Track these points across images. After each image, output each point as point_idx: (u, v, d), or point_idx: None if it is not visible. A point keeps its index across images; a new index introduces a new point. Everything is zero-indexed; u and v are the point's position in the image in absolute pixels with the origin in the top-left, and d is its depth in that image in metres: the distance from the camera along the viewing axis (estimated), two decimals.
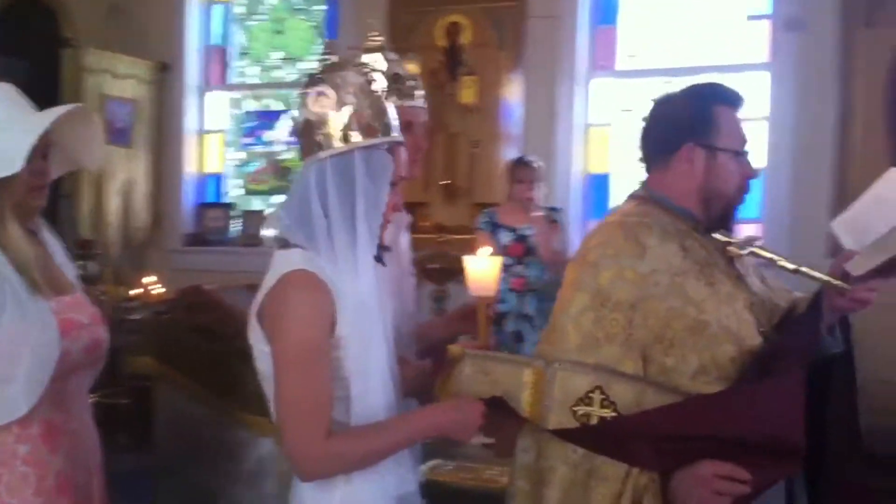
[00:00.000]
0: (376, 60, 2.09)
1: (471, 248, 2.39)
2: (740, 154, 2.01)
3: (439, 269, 5.56)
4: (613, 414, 1.83)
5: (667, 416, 1.83)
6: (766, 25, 5.69)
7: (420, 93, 2.30)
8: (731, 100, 2.03)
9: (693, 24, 5.91)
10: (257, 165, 7.08)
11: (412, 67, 2.33)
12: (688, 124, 1.99)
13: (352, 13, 6.37)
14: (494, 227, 5.01)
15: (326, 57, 1.81)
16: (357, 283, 1.72)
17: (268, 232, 1.84)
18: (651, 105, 2.11)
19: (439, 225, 5.78)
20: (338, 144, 1.74)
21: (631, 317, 1.87)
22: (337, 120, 1.74)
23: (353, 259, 1.72)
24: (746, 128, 2.04)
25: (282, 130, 6.97)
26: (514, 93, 6.06)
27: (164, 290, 5.62)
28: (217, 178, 7.11)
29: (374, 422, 1.75)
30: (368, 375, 1.75)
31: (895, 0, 5.21)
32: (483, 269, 2.11)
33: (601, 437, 1.83)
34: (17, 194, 1.88)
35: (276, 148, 7.01)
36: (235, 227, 6.86)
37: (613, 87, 6.10)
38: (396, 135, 1.80)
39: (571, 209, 5.85)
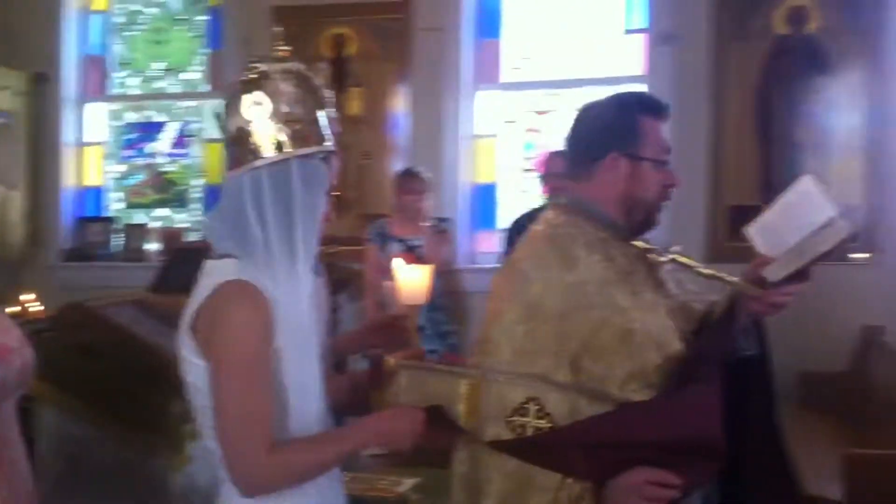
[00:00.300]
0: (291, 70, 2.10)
1: (361, 260, 2.41)
2: (662, 163, 2.05)
3: (330, 281, 5.53)
4: (549, 425, 1.86)
5: (598, 426, 1.87)
6: (642, 39, 5.87)
7: (332, 101, 2.31)
8: (655, 109, 2.07)
9: (574, 37, 6.06)
10: (139, 178, 6.92)
11: (321, 78, 2.34)
12: (613, 134, 2.02)
13: (234, 23, 6.31)
14: (384, 239, 5.03)
15: (254, 65, 1.77)
16: (295, 294, 1.70)
17: (151, 246, 1.81)
18: (576, 114, 2.12)
19: (329, 236, 5.71)
20: (272, 153, 1.71)
21: (561, 327, 1.90)
22: (272, 128, 1.71)
23: (291, 269, 1.70)
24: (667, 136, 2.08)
25: (164, 142, 6.84)
26: (401, 104, 6.10)
27: (42, 307, 5.43)
28: (97, 192, 6.91)
29: (314, 434, 1.73)
30: (305, 387, 1.73)
31: (764, 15, 5.46)
32: (414, 278, 2.12)
33: (535, 449, 1.86)
34: None
35: (158, 160, 6.87)
36: (117, 241, 6.68)
37: (498, 98, 6.20)
38: (330, 144, 1.78)
39: (459, 219, 5.92)
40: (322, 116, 1.79)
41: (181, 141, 6.80)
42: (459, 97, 6.04)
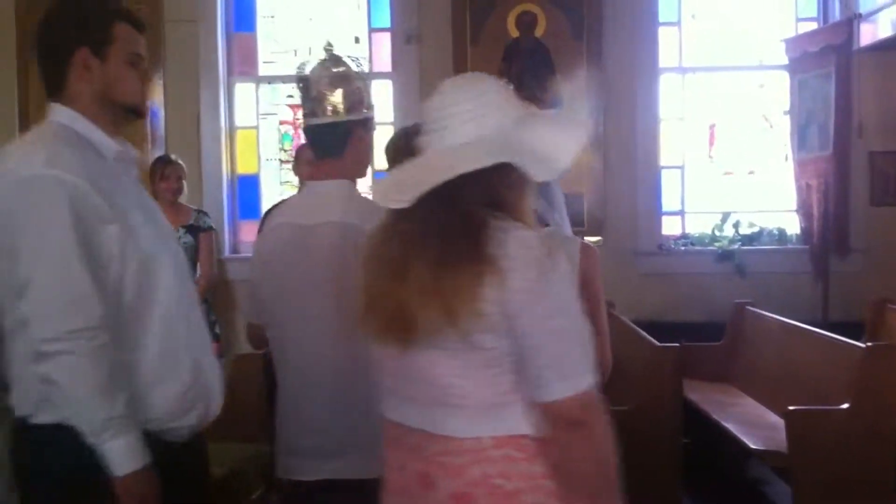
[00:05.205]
0: None
1: None
2: None
3: None
4: None
5: None
6: (387, 38, 6.21)
7: None
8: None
9: (322, 35, 6.31)
10: None
11: None
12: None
13: None
14: None
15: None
16: None
17: None
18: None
19: None
20: None
21: None
22: None
23: None
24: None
25: None
26: (155, 95, 6.06)
27: None
28: None
29: None
30: None
31: (498, 19, 5.96)
32: None
33: None
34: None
35: None
36: None
37: (255, 91, 6.37)
38: None
39: (225, 209, 6.10)
40: None
41: None
42: (214, 89, 6.12)
